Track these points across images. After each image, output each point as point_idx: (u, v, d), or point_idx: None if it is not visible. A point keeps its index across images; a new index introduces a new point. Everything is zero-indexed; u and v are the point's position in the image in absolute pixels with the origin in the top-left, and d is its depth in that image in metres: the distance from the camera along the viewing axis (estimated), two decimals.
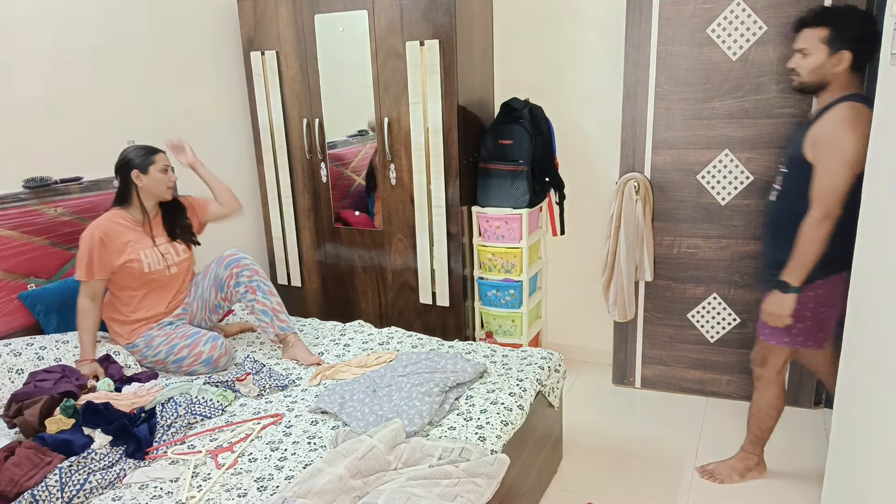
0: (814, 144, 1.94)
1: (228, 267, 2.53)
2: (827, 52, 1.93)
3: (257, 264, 2.60)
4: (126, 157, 2.42)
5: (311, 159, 3.30)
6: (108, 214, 2.42)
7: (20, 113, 2.43)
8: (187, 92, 3.12)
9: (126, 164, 2.41)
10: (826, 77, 1.97)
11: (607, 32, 3.03)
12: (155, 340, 2.40)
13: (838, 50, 1.92)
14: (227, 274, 2.53)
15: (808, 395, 2.92)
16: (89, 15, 2.64)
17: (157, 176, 2.42)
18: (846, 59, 1.92)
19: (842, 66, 1.93)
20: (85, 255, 2.33)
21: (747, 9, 2.63)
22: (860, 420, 1.50)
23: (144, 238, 2.45)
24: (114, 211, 2.44)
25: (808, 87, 2.02)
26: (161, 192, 2.45)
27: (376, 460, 1.70)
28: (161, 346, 2.39)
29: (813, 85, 2.01)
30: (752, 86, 2.69)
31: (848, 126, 1.86)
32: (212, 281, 2.54)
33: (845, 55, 1.92)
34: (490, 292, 3.19)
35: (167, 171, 2.44)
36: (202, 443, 1.93)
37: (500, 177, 3.05)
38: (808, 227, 1.94)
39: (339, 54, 3.12)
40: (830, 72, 1.95)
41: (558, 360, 2.43)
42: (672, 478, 2.47)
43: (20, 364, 2.18)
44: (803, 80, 2.01)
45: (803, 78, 2.01)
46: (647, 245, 2.89)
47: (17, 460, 1.70)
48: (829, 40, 1.93)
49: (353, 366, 2.37)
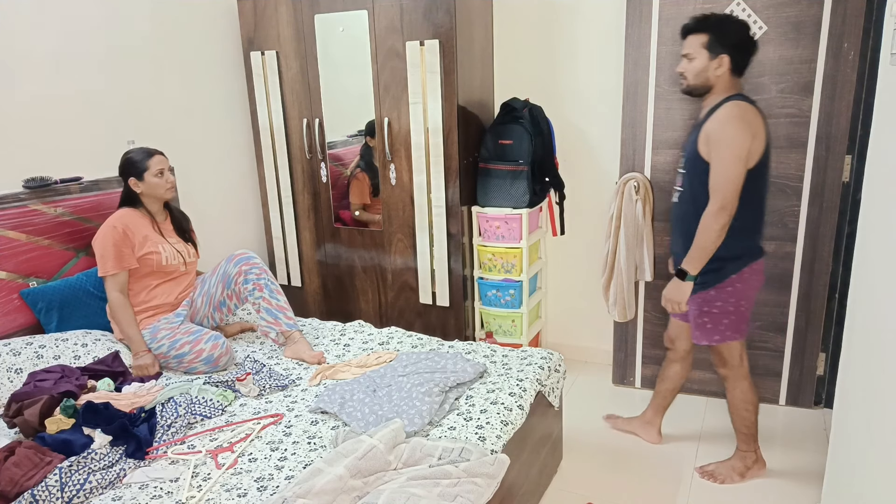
0: (707, 142, 2.07)
1: (238, 264, 2.56)
2: (708, 56, 2.09)
3: (266, 265, 2.62)
4: (122, 165, 2.46)
5: (311, 159, 3.30)
6: (123, 211, 2.46)
7: (20, 113, 2.43)
8: (187, 92, 3.12)
9: (123, 172, 2.45)
10: (710, 80, 2.12)
11: (607, 32, 3.03)
12: (160, 333, 2.42)
13: (718, 54, 2.08)
14: (236, 271, 2.55)
15: (808, 395, 2.92)
16: (89, 15, 2.64)
17: (153, 181, 2.44)
18: (726, 62, 2.08)
19: (722, 69, 2.09)
20: (111, 249, 2.36)
21: (747, 9, 2.63)
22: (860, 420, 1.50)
23: (158, 236, 2.50)
24: (125, 209, 2.47)
25: (695, 89, 2.16)
26: (161, 194, 2.48)
27: (376, 460, 1.70)
28: (164, 339, 2.41)
29: (699, 87, 2.15)
30: (751, 86, 2.69)
31: (737, 122, 2.01)
32: (220, 277, 2.57)
33: (725, 59, 2.08)
34: (490, 292, 3.19)
35: (163, 173, 2.45)
36: (202, 443, 1.93)
37: (500, 177, 3.04)
38: (707, 219, 2.06)
39: (339, 54, 3.12)
40: (713, 74, 2.10)
41: (558, 360, 2.43)
42: (672, 478, 2.47)
43: (19, 363, 2.18)
44: (690, 83, 2.16)
45: (690, 81, 2.15)
46: (646, 245, 2.89)
47: (17, 460, 1.70)
48: (709, 45, 2.09)
49: (353, 366, 2.37)
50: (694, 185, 2.14)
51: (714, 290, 2.19)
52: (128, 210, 2.47)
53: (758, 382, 2.97)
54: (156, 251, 2.45)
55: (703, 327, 2.25)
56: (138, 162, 2.42)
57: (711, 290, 2.19)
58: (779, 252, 2.81)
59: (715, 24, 2.09)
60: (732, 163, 2.01)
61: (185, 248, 2.59)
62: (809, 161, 2.68)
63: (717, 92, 2.12)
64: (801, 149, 2.69)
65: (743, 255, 2.15)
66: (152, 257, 2.45)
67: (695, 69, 2.12)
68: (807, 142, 2.67)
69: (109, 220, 2.42)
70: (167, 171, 2.47)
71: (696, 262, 2.12)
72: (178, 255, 2.53)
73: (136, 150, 2.47)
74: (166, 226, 2.56)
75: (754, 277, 2.20)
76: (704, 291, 2.20)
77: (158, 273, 2.49)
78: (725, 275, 2.16)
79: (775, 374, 2.94)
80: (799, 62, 2.62)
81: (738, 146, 2.00)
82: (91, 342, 2.37)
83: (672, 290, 2.21)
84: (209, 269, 2.73)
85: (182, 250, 2.56)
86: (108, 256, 2.37)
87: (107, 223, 2.40)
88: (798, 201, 2.73)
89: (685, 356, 2.53)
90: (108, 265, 2.37)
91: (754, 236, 2.19)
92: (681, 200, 2.23)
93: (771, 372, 2.95)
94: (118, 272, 2.38)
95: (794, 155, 2.70)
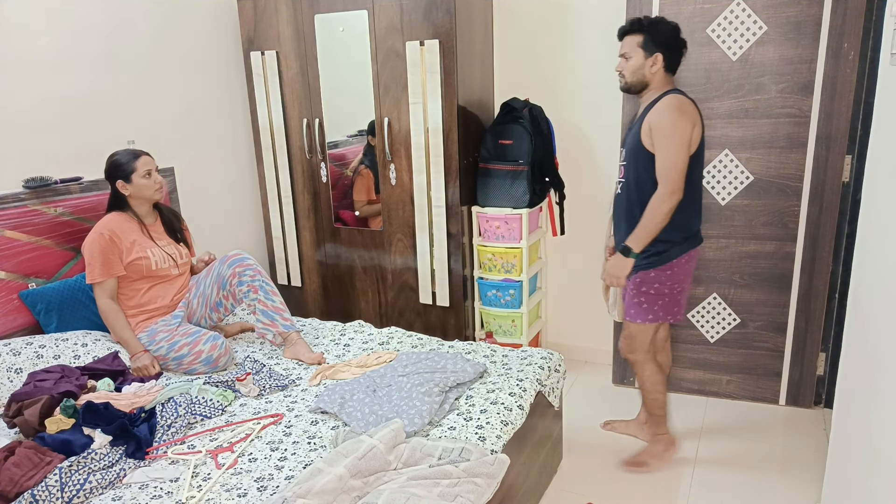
0: (651, 133, 2.19)
1: (232, 266, 2.54)
2: (644, 55, 2.23)
3: (261, 266, 2.61)
4: (108, 168, 2.44)
5: (311, 159, 3.30)
6: (110, 216, 2.44)
7: (20, 113, 2.43)
8: (187, 92, 3.12)
9: (110, 175, 2.43)
10: (646, 77, 2.25)
11: (607, 32, 3.02)
12: (158, 335, 2.41)
13: (653, 53, 2.22)
14: (230, 272, 2.54)
15: (808, 395, 2.92)
16: (89, 15, 2.64)
17: (141, 182, 2.43)
18: (660, 60, 2.23)
19: (657, 67, 2.23)
20: (98, 257, 2.35)
21: (747, 9, 2.63)
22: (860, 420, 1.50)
23: (147, 240, 2.48)
24: (113, 214, 2.46)
25: (632, 87, 2.29)
26: (149, 195, 2.46)
27: (376, 460, 1.70)
28: (163, 341, 2.40)
29: (637, 84, 2.28)
30: (752, 86, 2.69)
31: (678, 113, 2.15)
32: (214, 278, 2.56)
33: (659, 57, 2.22)
34: (490, 292, 3.19)
35: (150, 174, 2.45)
36: (202, 443, 1.93)
37: (500, 177, 3.04)
38: (657, 201, 2.18)
39: (339, 54, 3.12)
40: (649, 72, 2.24)
41: (558, 360, 2.43)
42: (672, 478, 2.47)
43: (19, 363, 2.18)
44: (628, 80, 2.29)
45: (628, 79, 2.29)
46: None
47: (17, 460, 1.70)
48: (644, 44, 2.23)
49: (353, 366, 2.37)
50: (639, 175, 2.26)
51: (654, 272, 2.30)
52: (115, 215, 2.45)
53: (758, 382, 2.98)
54: (144, 256, 2.44)
55: (639, 306, 2.36)
56: (125, 164, 2.41)
57: (652, 271, 2.30)
58: (779, 252, 2.81)
59: (649, 26, 2.23)
60: (678, 150, 2.15)
61: (177, 249, 2.57)
62: (809, 161, 2.68)
63: (653, 88, 2.26)
64: (801, 149, 2.69)
65: (687, 240, 2.30)
66: (141, 262, 2.43)
67: (631, 67, 2.26)
68: (807, 142, 2.67)
69: (97, 226, 2.40)
70: (155, 172, 2.46)
71: (641, 241, 2.23)
72: (169, 258, 2.51)
73: (122, 152, 2.45)
74: (156, 228, 2.54)
75: (690, 263, 2.35)
76: (645, 272, 2.31)
77: (150, 277, 2.48)
78: (669, 258, 2.28)
79: (775, 374, 2.94)
80: (799, 62, 2.62)
81: (681, 134, 2.15)
82: (91, 342, 2.37)
83: (614, 264, 2.30)
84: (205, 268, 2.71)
85: (173, 252, 2.54)
86: (95, 264, 2.36)
87: (94, 230, 2.39)
88: (798, 201, 2.73)
89: (662, 347, 2.63)
90: (96, 273, 2.36)
91: (696, 222, 2.34)
92: (624, 191, 2.34)
93: (771, 372, 2.95)
94: (105, 280, 2.37)
95: (794, 155, 2.70)
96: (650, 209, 2.19)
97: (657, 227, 2.20)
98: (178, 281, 2.57)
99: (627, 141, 2.32)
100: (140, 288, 2.47)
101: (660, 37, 2.22)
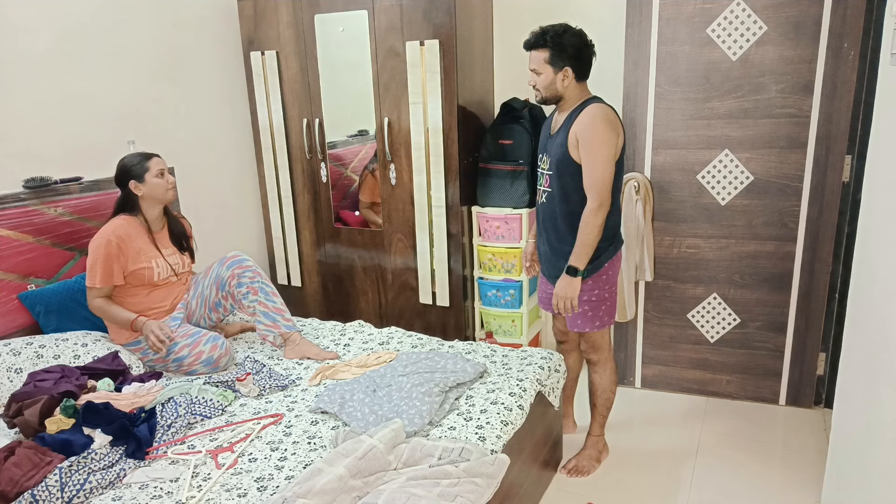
0: (577, 145, 2.16)
1: (231, 267, 2.54)
2: (552, 70, 2.18)
3: (259, 267, 2.60)
4: (121, 168, 2.43)
5: (311, 159, 3.30)
6: (119, 220, 2.42)
7: (20, 113, 2.43)
8: (187, 92, 3.12)
9: (123, 175, 2.42)
10: (559, 91, 2.22)
11: (607, 32, 3.02)
12: None
13: (562, 68, 2.17)
14: (228, 274, 2.53)
15: (808, 395, 2.92)
16: (89, 15, 2.64)
17: (154, 181, 2.42)
18: (570, 74, 2.18)
19: (568, 80, 2.19)
20: (101, 262, 2.34)
21: (747, 9, 2.63)
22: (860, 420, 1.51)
23: (152, 248, 2.47)
24: (122, 217, 2.44)
25: (549, 100, 2.26)
26: (162, 195, 2.45)
27: (376, 460, 1.70)
28: None
29: (552, 98, 2.25)
30: (752, 86, 2.69)
31: (604, 124, 2.13)
32: (213, 280, 2.55)
33: (568, 71, 2.18)
34: (490, 292, 3.19)
35: (163, 174, 2.44)
36: (202, 443, 1.93)
37: (500, 177, 3.04)
38: (588, 216, 2.17)
39: (339, 54, 3.11)
40: (561, 86, 2.20)
41: (558, 360, 2.43)
42: (672, 478, 2.47)
43: (19, 363, 2.18)
44: (543, 95, 2.25)
45: (543, 94, 2.25)
46: (647, 245, 2.89)
47: (17, 460, 1.70)
48: (551, 60, 2.17)
49: (353, 366, 2.37)
50: (565, 185, 2.23)
51: (591, 280, 2.30)
52: (124, 219, 2.43)
53: (758, 382, 2.98)
54: (148, 266, 2.43)
55: (584, 315, 2.35)
56: (137, 164, 2.41)
57: (589, 279, 2.29)
58: (779, 252, 2.81)
59: (552, 40, 2.16)
60: (605, 163, 2.13)
61: (180, 258, 2.56)
62: (809, 161, 2.69)
63: (570, 98, 2.23)
64: (801, 149, 2.69)
65: (612, 244, 2.30)
66: (143, 273, 2.42)
67: (543, 83, 2.22)
68: (807, 142, 2.67)
69: (106, 229, 2.38)
70: (167, 172, 2.46)
71: (583, 258, 2.21)
72: (170, 268, 2.51)
73: (132, 154, 2.45)
74: (162, 235, 2.53)
75: (617, 264, 2.37)
76: (583, 281, 2.28)
77: (150, 285, 2.47)
78: (601, 263, 2.28)
79: (775, 374, 2.94)
80: (799, 62, 2.62)
81: (608, 146, 2.13)
82: (91, 342, 2.37)
83: (564, 287, 2.25)
84: (203, 268, 2.71)
85: (175, 263, 2.53)
86: (97, 269, 2.34)
87: (103, 233, 2.37)
88: (798, 201, 2.73)
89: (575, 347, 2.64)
90: (97, 278, 2.35)
91: (618, 223, 2.34)
92: (548, 200, 2.31)
93: (771, 372, 2.95)
94: (103, 286, 2.37)
95: (794, 155, 2.70)
96: (585, 225, 2.17)
97: (595, 240, 2.18)
98: (177, 286, 2.56)
99: (552, 151, 2.26)
100: (140, 292, 2.46)
101: (565, 49, 2.15)
